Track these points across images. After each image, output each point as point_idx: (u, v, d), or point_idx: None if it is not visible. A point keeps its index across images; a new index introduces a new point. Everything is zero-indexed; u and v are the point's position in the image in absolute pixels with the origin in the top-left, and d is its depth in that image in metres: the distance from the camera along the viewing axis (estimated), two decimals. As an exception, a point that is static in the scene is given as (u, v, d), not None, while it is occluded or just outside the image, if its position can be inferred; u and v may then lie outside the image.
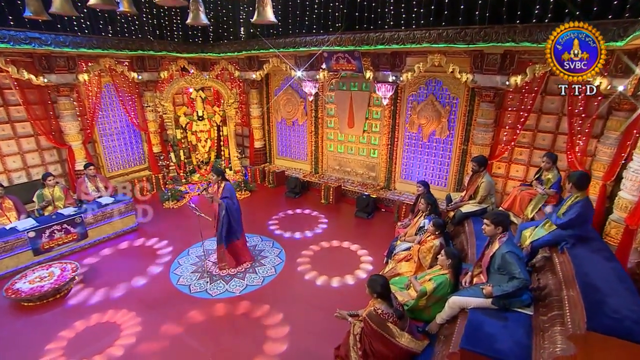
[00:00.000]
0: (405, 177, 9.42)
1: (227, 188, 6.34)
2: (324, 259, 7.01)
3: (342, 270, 6.58)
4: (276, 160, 11.93)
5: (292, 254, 7.14)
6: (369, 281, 4.09)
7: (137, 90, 10.32)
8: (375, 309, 3.99)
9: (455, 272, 4.64)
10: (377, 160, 9.77)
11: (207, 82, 10.26)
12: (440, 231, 5.54)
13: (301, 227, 8.25)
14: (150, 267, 6.76)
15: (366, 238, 7.81)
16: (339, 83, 9.82)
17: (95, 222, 7.54)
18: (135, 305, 5.75)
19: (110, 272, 6.63)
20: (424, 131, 8.78)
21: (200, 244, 7.25)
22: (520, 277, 3.85)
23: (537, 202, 5.71)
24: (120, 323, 5.37)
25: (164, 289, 6.14)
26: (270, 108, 11.45)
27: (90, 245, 7.50)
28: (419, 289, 4.68)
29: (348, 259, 6.97)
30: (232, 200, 6.36)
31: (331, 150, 10.59)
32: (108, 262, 7.00)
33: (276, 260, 6.93)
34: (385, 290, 4.00)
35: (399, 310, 4.09)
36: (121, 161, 10.49)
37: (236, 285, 6.17)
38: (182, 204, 9.58)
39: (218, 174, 6.35)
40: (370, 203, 8.83)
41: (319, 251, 7.31)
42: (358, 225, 8.51)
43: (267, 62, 10.08)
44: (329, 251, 7.31)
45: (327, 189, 9.70)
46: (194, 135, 10.61)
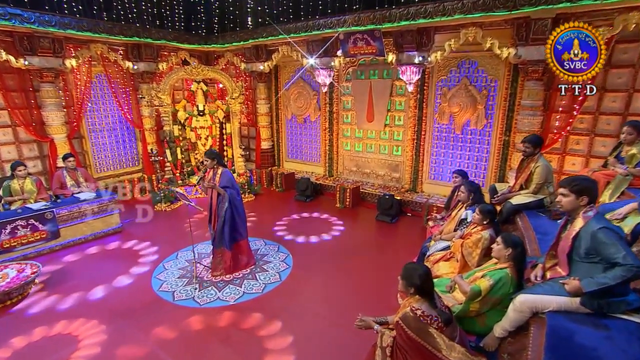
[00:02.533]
0: (435, 177, 8.42)
1: (226, 175, 5.49)
2: (338, 266, 6.06)
3: (364, 277, 5.62)
4: (285, 163, 11.18)
5: (301, 259, 6.21)
6: (404, 270, 3.08)
7: (132, 83, 9.75)
8: (412, 310, 2.93)
9: (518, 265, 3.54)
10: (401, 158, 8.84)
11: (209, 74, 9.58)
12: (489, 220, 4.47)
13: (313, 232, 7.33)
14: (129, 271, 5.86)
15: (391, 243, 6.84)
16: (356, 72, 9.06)
17: (70, 220, 6.66)
18: (102, 313, 4.77)
19: (80, 277, 5.72)
20: (456, 121, 7.82)
21: (190, 247, 6.31)
22: (626, 263, 2.73)
23: (617, 185, 4.55)
24: (79, 334, 4.36)
25: (142, 296, 5.20)
26: (279, 102, 10.74)
27: (62, 247, 6.60)
28: (469, 289, 3.58)
29: (369, 266, 6.02)
30: (234, 190, 5.51)
31: (348, 150, 9.75)
32: (80, 266, 6.10)
33: (281, 266, 5.99)
34: (426, 283, 2.99)
35: (445, 312, 3.03)
36: (112, 161, 9.81)
37: (230, 293, 5.21)
38: (177, 207, 8.77)
39: (213, 157, 5.47)
40: (394, 205, 7.81)
41: (331, 257, 6.36)
42: (380, 230, 7.54)
43: (276, 51, 9.44)
44: (345, 258, 6.35)
45: (342, 191, 8.75)
46: (193, 131, 9.85)
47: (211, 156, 5.47)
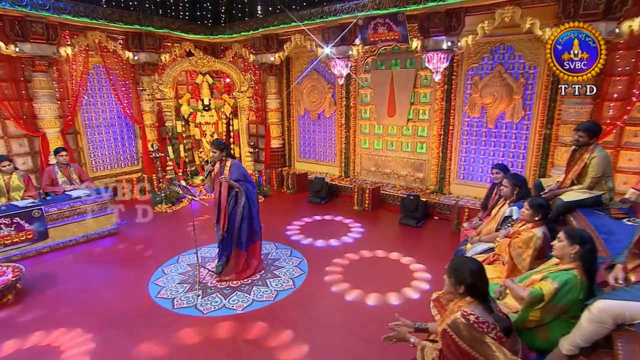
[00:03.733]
0: (464, 177, 7.95)
1: (237, 167, 5.15)
2: (362, 272, 5.62)
3: (389, 287, 5.13)
4: (297, 163, 10.84)
5: (317, 264, 5.81)
6: (451, 266, 2.66)
7: (133, 75, 9.44)
8: (464, 315, 2.48)
9: (588, 266, 3.04)
10: (426, 156, 8.41)
11: (216, 65, 9.35)
12: (541, 215, 3.97)
13: (329, 235, 6.93)
14: (124, 276, 5.49)
15: (419, 249, 6.41)
16: (376, 62, 8.69)
17: (60, 219, 6.32)
18: (89, 322, 4.37)
19: (68, 281, 5.35)
20: (489, 114, 7.37)
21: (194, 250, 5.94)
22: None
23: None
24: (60, 344, 3.95)
25: (137, 303, 4.80)
26: (290, 97, 10.41)
27: (50, 249, 6.24)
28: (527, 294, 3.09)
29: (396, 274, 5.57)
30: (249, 183, 5.17)
31: (366, 148, 9.36)
32: (69, 269, 5.74)
33: (295, 272, 5.59)
34: (479, 280, 2.56)
35: (503, 319, 2.57)
36: (109, 159, 9.50)
37: (238, 301, 4.81)
38: (179, 208, 8.44)
39: (221, 148, 5.10)
40: (419, 206, 7.35)
41: (354, 262, 5.93)
42: (405, 234, 7.09)
43: (288, 40, 9.12)
44: (369, 263, 5.93)
45: (361, 192, 8.32)
46: (197, 127, 9.62)
47: (219, 147, 5.10)
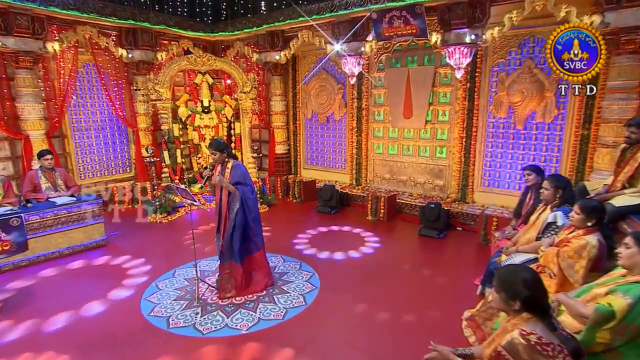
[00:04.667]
0: (489, 184, 7.63)
1: (239, 168, 4.86)
2: (380, 289, 5.29)
3: (415, 305, 4.81)
4: (303, 170, 10.66)
5: (330, 279, 5.49)
6: (500, 277, 2.36)
7: (126, 74, 9.28)
8: (523, 334, 2.16)
9: (666, 277, 2.69)
10: (446, 161, 8.14)
11: (217, 64, 9.15)
12: (596, 220, 3.61)
13: (342, 247, 6.63)
14: (112, 292, 5.15)
15: (441, 261, 6.09)
16: (390, 59, 8.48)
17: (42, 229, 6.01)
18: (66, 343, 4.01)
19: (49, 298, 5.01)
20: (517, 114, 7.08)
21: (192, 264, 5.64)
22: None
23: None
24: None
25: (127, 322, 4.45)
26: (297, 99, 10.23)
27: (30, 262, 5.92)
28: (592, 311, 2.73)
29: (420, 290, 5.26)
30: (248, 187, 4.84)
31: (379, 153, 9.12)
32: (51, 285, 5.41)
33: (306, 287, 5.27)
34: (538, 292, 2.24)
35: (569, 338, 2.25)
36: (99, 165, 9.24)
37: (242, 320, 4.48)
38: (175, 218, 8.16)
39: (221, 149, 4.81)
40: (441, 216, 7.03)
41: (370, 277, 5.62)
42: (427, 247, 6.78)
43: (295, 37, 8.96)
44: (388, 278, 5.60)
45: (375, 200, 8.03)
46: (196, 131, 9.41)
47: (218, 147, 4.79)
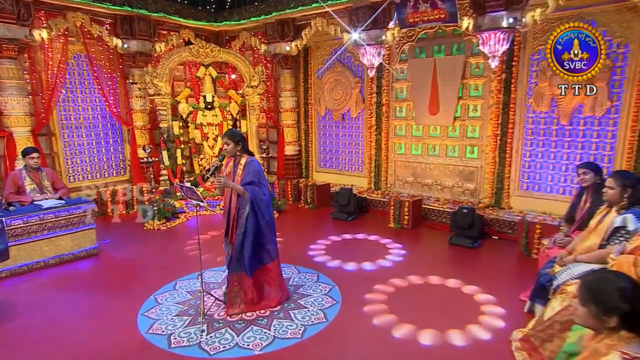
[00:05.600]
0: (528, 187, 7.33)
1: (253, 166, 4.57)
2: (412, 303, 5.03)
3: (450, 322, 4.50)
4: (315, 173, 10.56)
5: (352, 292, 5.24)
6: (588, 287, 2.11)
7: (121, 67, 9.22)
8: None
9: None
10: (478, 162, 7.87)
11: (221, 55, 9.14)
12: (681, 222, 3.30)
13: (364, 257, 6.38)
14: (105, 306, 4.91)
15: (482, 275, 5.76)
16: (414, 49, 8.26)
17: (26, 235, 5.75)
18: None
19: (33, 313, 4.74)
20: (561, 108, 6.77)
21: (196, 274, 5.53)
22: None
23: None
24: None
25: (123, 341, 4.19)
26: (309, 94, 10.18)
27: (11, 272, 5.65)
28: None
29: (457, 306, 4.95)
30: (261, 187, 4.55)
31: (401, 153, 8.92)
32: (35, 298, 5.15)
33: (325, 301, 5.01)
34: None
35: None
36: (90, 167, 9.15)
37: (255, 338, 4.20)
38: (174, 225, 8.00)
39: (236, 140, 4.52)
40: (475, 222, 6.72)
41: (400, 290, 5.34)
42: (460, 257, 6.49)
43: (308, 26, 8.85)
44: (420, 292, 5.33)
45: (398, 206, 7.80)
46: (198, 129, 9.33)
47: (233, 137, 4.51)
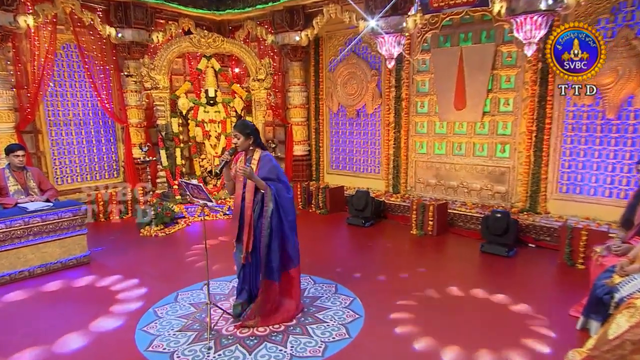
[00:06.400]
0: (569, 190, 7.09)
1: (268, 161, 4.39)
2: (447, 318, 4.81)
3: (498, 341, 4.25)
4: (327, 175, 10.56)
5: (376, 305, 5.03)
6: None
7: (115, 58, 9.21)
8: None
9: None
10: (511, 162, 7.67)
11: (225, 46, 9.17)
12: None
13: (386, 267, 6.21)
14: (98, 321, 4.68)
15: (520, 287, 5.53)
16: (438, 37, 8.08)
17: (8, 241, 5.55)
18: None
19: (16, 329, 4.54)
20: (608, 99, 6.53)
21: (202, 284, 5.41)
22: None
23: None
24: None
25: (119, 358, 3.98)
26: (320, 89, 10.14)
27: (-9, 283, 5.52)
28: None
29: (501, 322, 4.71)
30: (283, 184, 4.39)
31: (423, 153, 8.79)
32: (18, 312, 4.96)
33: (347, 315, 4.79)
34: None
35: None
36: (80, 168, 9.09)
37: (269, 357, 3.96)
38: (174, 231, 7.93)
39: (247, 133, 4.30)
40: (510, 228, 6.48)
41: (431, 303, 5.14)
42: (494, 267, 6.26)
43: (320, 14, 8.75)
44: (455, 306, 5.11)
45: (422, 210, 7.62)
46: (199, 127, 9.30)
47: (244, 129, 4.27)
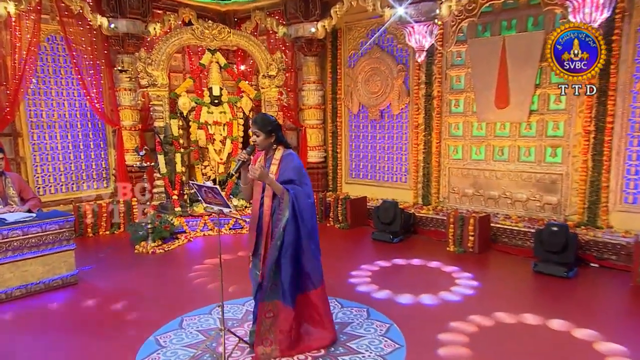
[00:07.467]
0: (635, 200, 6.81)
1: (292, 161, 4.18)
2: (505, 349, 4.55)
3: None
4: (345, 185, 10.44)
5: (418, 333, 4.82)
6: None
7: (107, 52, 9.06)
8: None
9: None
10: (563, 168, 7.40)
11: (231, 39, 9.12)
12: None
13: (424, 289, 6.01)
14: (89, 351, 4.50)
15: (588, 314, 5.27)
16: (476, 26, 7.88)
17: (-16, 258, 5.42)
18: None
19: None
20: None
21: (211, 307, 5.24)
22: None
23: None
24: None
25: None
26: (338, 87, 10.08)
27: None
28: None
29: (569, 354, 4.43)
30: (303, 188, 4.15)
31: (458, 159, 8.61)
32: None
33: (385, 345, 4.53)
34: None
35: None
36: (65, 177, 8.95)
37: None
38: (174, 247, 7.85)
39: (267, 130, 4.04)
40: (570, 244, 6.18)
41: (485, 331, 4.86)
42: (552, 289, 6.01)
43: (339, 2, 8.64)
44: (514, 335, 4.83)
45: (460, 223, 7.37)
46: (202, 129, 9.23)
47: (264, 126, 4.01)
